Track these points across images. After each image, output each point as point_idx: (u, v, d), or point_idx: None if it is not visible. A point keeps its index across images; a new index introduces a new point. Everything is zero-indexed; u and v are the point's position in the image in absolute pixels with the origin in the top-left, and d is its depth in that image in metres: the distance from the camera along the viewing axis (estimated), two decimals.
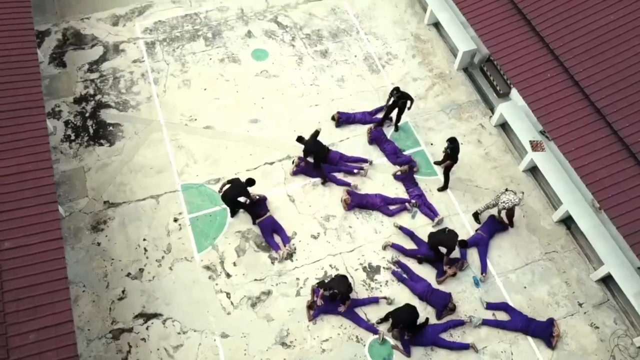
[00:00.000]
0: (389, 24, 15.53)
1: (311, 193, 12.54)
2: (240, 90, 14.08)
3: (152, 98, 13.83)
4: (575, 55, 11.13)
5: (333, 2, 15.91)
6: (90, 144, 13.04)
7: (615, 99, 10.52)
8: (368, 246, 11.84)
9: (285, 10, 15.69)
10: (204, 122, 13.51)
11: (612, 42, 11.04)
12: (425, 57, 14.92)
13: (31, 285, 8.53)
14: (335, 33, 15.28)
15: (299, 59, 14.73)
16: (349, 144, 13.34)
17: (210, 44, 14.90)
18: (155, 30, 15.13)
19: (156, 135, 13.26)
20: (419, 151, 13.24)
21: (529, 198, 12.61)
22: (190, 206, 12.25)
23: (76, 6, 15.54)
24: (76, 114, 13.51)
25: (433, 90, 14.28)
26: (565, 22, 11.50)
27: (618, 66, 10.82)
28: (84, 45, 14.74)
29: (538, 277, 11.63)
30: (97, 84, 14.02)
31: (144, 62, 14.46)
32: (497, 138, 13.50)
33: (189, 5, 15.69)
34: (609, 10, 11.33)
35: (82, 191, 12.32)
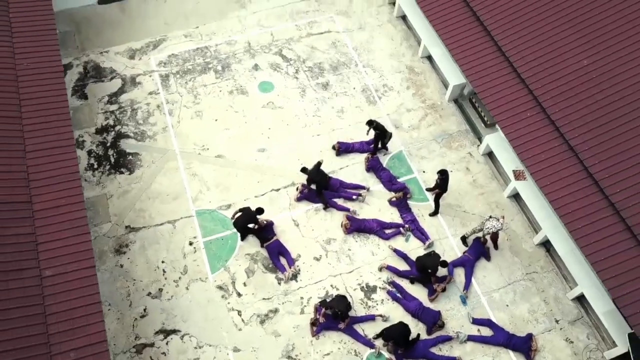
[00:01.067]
0: (385, 56, 16.74)
1: (314, 218, 13.76)
2: (249, 121, 15.30)
3: (167, 128, 15.06)
4: (552, 96, 12.34)
5: (334, 36, 17.13)
6: (112, 172, 14.26)
7: (587, 138, 11.73)
8: (366, 267, 13.05)
9: (289, 44, 16.90)
10: (215, 151, 14.73)
11: (585, 85, 12.25)
12: (418, 88, 16.12)
13: (70, 309, 9.75)
14: (336, 66, 16.48)
15: (302, 91, 15.94)
16: (348, 172, 14.55)
17: (220, 76, 16.12)
18: (169, 63, 16.35)
19: (172, 163, 14.48)
20: (412, 178, 14.45)
21: (512, 222, 13.83)
22: (204, 230, 13.46)
23: (95, 40, 16.76)
24: (98, 143, 14.73)
25: (426, 120, 15.50)
26: (543, 66, 12.71)
27: (590, 107, 12.03)
28: (104, 78, 15.96)
29: (519, 295, 12.85)
30: (117, 115, 15.25)
31: (159, 94, 15.68)
32: (484, 166, 14.71)
33: (200, 39, 16.90)
34: (583, 55, 12.53)
35: (105, 217, 13.55)
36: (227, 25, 17.22)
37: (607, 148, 11.50)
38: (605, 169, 11.30)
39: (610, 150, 11.44)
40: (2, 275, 9.78)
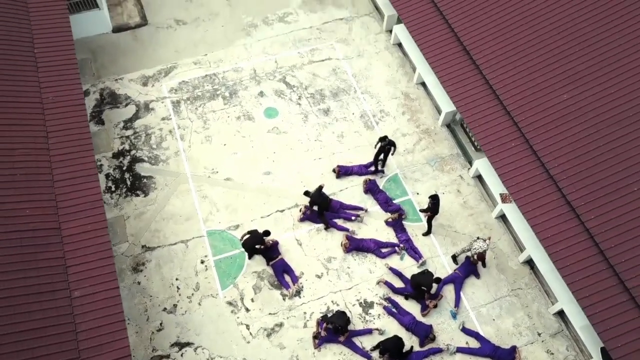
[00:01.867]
0: (382, 83, 17.83)
1: (315, 237, 14.86)
2: (255, 145, 16.39)
3: (179, 153, 16.15)
4: (535, 128, 13.43)
5: (334, 63, 18.22)
6: (128, 194, 15.36)
7: (566, 168, 12.81)
8: (364, 284, 14.15)
9: (292, 71, 17.99)
10: (224, 175, 15.82)
11: (564, 118, 13.34)
12: (413, 114, 17.22)
13: (97, 327, 10.85)
14: (336, 92, 17.57)
15: (305, 116, 17.03)
16: (347, 194, 15.65)
17: (228, 102, 17.21)
18: (180, 89, 17.44)
19: (184, 186, 15.58)
20: (407, 200, 15.56)
21: (499, 242, 14.93)
22: (214, 249, 14.56)
23: (110, 67, 17.86)
24: (115, 167, 15.83)
25: (420, 144, 16.59)
26: (527, 99, 13.79)
27: (569, 139, 13.12)
28: (119, 104, 17.06)
29: (505, 310, 13.95)
30: (132, 140, 16.34)
31: (171, 120, 16.78)
32: (474, 188, 15.81)
33: (209, 66, 17.99)
34: (563, 90, 13.62)
35: (123, 237, 14.64)
36: (234, 52, 18.33)
37: (584, 177, 12.58)
38: (581, 197, 12.39)
39: (586, 180, 12.53)
40: (37, 296, 10.89)
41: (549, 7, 14.56)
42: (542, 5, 14.61)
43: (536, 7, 14.67)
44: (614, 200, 12.16)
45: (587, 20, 14.09)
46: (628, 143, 12.59)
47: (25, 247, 11.38)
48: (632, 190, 12.10)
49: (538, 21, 14.53)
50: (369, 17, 19.38)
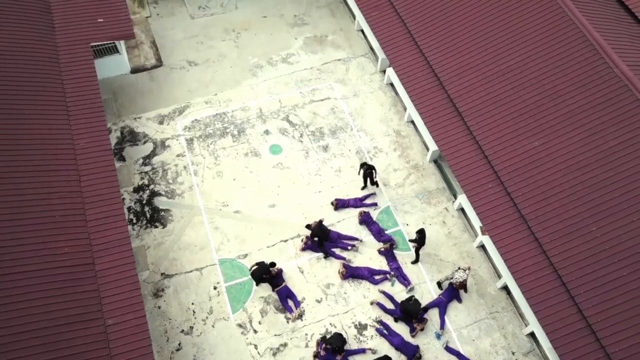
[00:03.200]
0: (376, 121, 19.60)
1: (316, 266, 16.63)
2: (261, 180, 18.17)
3: (193, 187, 17.94)
4: (509, 172, 15.19)
5: (332, 102, 20.00)
6: (148, 226, 17.15)
7: (535, 209, 14.57)
8: (358, 308, 15.93)
9: (294, 110, 19.77)
10: (233, 207, 17.60)
11: (535, 163, 15.09)
12: (404, 150, 18.99)
13: (128, 351, 12.63)
14: (334, 130, 19.35)
15: (306, 153, 18.81)
16: (344, 224, 17.43)
17: (237, 140, 18.99)
18: (193, 128, 19.22)
19: (197, 218, 17.36)
20: (397, 231, 17.34)
21: (480, 269, 16.70)
22: (225, 277, 16.34)
23: (129, 107, 19.65)
24: (136, 201, 17.61)
25: (409, 179, 18.36)
26: (503, 145, 15.55)
27: (538, 182, 14.88)
28: (138, 141, 18.84)
29: (483, 331, 15.73)
30: (150, 176, 18.13)
31: (185, 156, 18.57)
32: (457, 220, 17.57)
33: (219, 105, 19.77)
34: (535, 137, 15.39)
35: (144, 265, 16.43)
36: (242, 92, 20.12)
37: (550, 217, 14.36)
38: (547, 235, 14.16)
39: (552, 220, 14.30)
40: (76, 325, 12.67)
41: (524, 63, 16.31)
42: (520, 61, 16.37)
43: (514, 64, 16.41)
44: (575, 239, 13.94)
45: (556, 74, 15.85)
46: (589, 187, 14.35)
47: (65, 282, 13.19)
48: (591, 230, 13.87)
49: (515, 76, 16.27)
50: (364, 58, 21.18)
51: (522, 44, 16.61)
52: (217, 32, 21.68)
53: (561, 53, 16.12)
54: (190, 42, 21.37)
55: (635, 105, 14.85)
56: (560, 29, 16.37)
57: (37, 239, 13.52)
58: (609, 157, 14.55)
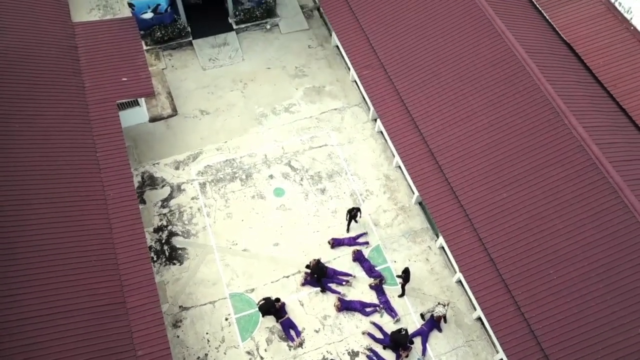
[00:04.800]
0: (368, 166, 21.98)
1: (314, 299, 18.94)
2: (266, 221, 20.51)
3: (206, 228, 20.27)
4: (481, 220, 17.55)
5: (329, 149, 22.38)
6: (167, 263, 19.47)
7: (502, 253, 16.93)
8: (351, 337, 18.24)
9: (295, 156, 22.14)
10: (242, 246, 19.93)
11: (502, 213, 17.45)
12: (392, 193, 21.35)
13: None
14: (331, 174, 21.72)
15: (306, 195, 21.16)
16: (339, 262, 19.76)
17: (244, 184, 21.35)
18: (205, 172, 21.59)
19: (210, 256, 19.68)
20: (386, 267, 19.67)
21: (458, 302, 19.01)
22: (235, 309, 18.64)
23: (148, 153, 22.03)
24: (156, 240, 19.94)
25: (397, 219, 20.71)
26: (477, 195, 17.95)
27: (506, 229, 17.25)
28: (157, 185, 21.20)
29: (461, 358, 18.04)
30: (168, 217, 20.47)
31: (199, 199, 20.92)
32: (439, 257, 19.91)
33: (228, 152, 22.15)
34: (503, 190, 17.74)
35: (164, 299, 18.73)
36: (249, 139, 22.52)
37: (515, 261, 16.70)
38: (513, 277, 16.51)
39: (517, 263, 16.65)
40: (111, 357, 14.98)
41: (495, 124, 18.73)
42: (491, 122, 18.78)
43: (486, 124, 18.82)
44: (536, 280, 16.29)
45: (523, 134, 18.26)
46: (548, 235, 16.72)
47: (101, 319, 15.51)
48: (549, 273, 16.22)
49: (487, 135, 18.68)
50: (358, 107, 23.60)
51: (494, 107, 19.03)
52: (226, 83, 24.13)
53: (528, 115, 18.54)
54: (202, 92, 23.81)
55: (589, 164, 17.25)
56: (529, 95, 18.78)
57: (76, 281, 15.86)
58: (566, 209, 16.94)
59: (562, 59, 20.62)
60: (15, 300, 14.92)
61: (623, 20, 21.42)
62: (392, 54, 21.39)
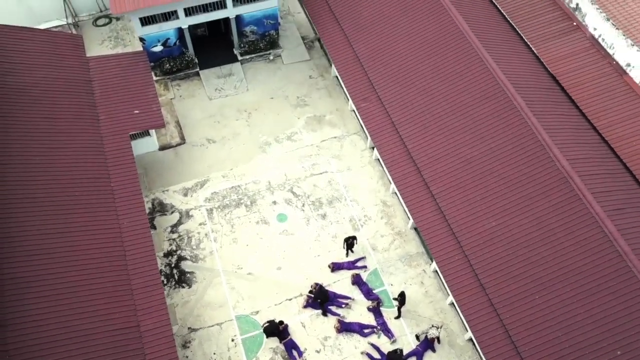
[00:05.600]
0: (366, 192, 23.17)
1: (315, 321, 20.04)
2: (270, 245, 21.67)
3: (213, 252, 21.43)
4: (472, 247, 18.72)
5: (329, 176, 23.59)
6: (177, 287, 20.61)
7: (492, 279, 18.04)
8: (350, 357, 19.34)
9: (297, 183, 23.35)
10: (247, 270, 21.07)
11: (492, 240, 18.59)
12: (389, 218, 22.51)
13: None
14: (331, 200, 22.91)
15: (307, 220, 22.33)
16: (339, 285, 20.88)
17: (249, 210, 22.53)
18: (212, 199, 22.79)
19: (217, 280, 20.82)
20: (383, 290, 20.79)
21: (451, 323, 20.10)
22: (241, 330, 19.75)
23: (158, 181, 23.25)
24: (166, 265, 21.09)
25: (394, 244, 21.85)
26: (467, 224, 19.11)
27: (495, 257, 18.38)
28: (166, 212, 22.39)
29: None
30: (177, 242, 21.63)
31: (206, 225, 22.09)
32: (433, 280, 21.03)
33: (234, 179, 23.36)
34: (493, 218, 18.90)
35: (174, 320, 19.84)
36: (253, 167, 23.75)
37: (503, 287, 17.83)
38: (501, 301, 17.63)
39: (505, 288, 17.78)
40: None
41: (484, 156, 19.95)
42: (481, 154, 20.00)
43: (476, 156, 20.04)
44: (523, 304, 17.40)
45: (511, 166, 19.46)
46: (533, 262, 17.85)
47: (116, 342, 16.64)
48: (534, 299, 17.34)
49: (476, 166, 19.89)
50: (356, 135, 24.85)
51: (484, 140, 20.25)
52: (231, 112, 25.41)
53: (515, 148, 19.75)
54: (209, 121, 25.08)
55: (572, 195, 18.43)
56: (517, 129, 20.01)
57: (93, 307, 17.01)
58: (550, 237, 18.10)
59: (549, 92, 21.91)
60: (34, 326, 16.08)
61: (606, 55, 22.74)
62: (389, 87, 22.67)
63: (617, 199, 18.81)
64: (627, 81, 21.99)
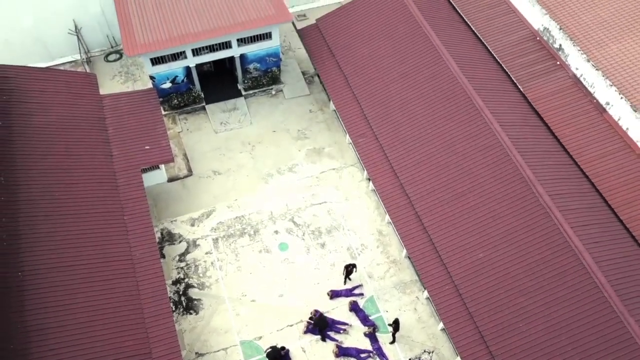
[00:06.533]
0: (363, 222, 24.56)
1: (315, 346, 21.31)
2: (272, 273, 23.01)
3: (219, 280, 22.75)
4: (461, 277, 20.04)
5: (329, 206, 25.00)
6: (184, 313, 21.90)
7: (478, 307, 19.34)
8: None
9: (298, 212, 24.74)
10: (251, 297, 22.37)
11: (479, 272, 19.92)
12: (385, 247, 23.87)
13: None
14: (330, 230, 24.28)
15: (307, 249, 23.69)
16: (337, 311, 22.18)
17: (252, 239, 23.89)
18: (218, 229, 24.16)
19: (222, 306, 22.12)
20: (379, 317, 22.08)
21: (442, 348, 21.36)
22: (245, 355, 21.01)
23: (167, 211, 24.64)
24: (174, 292, 22.40)
25: (389, 272, 23.18)
26: (457, 255, 20.46)
27: (482, 287, 19.69)
28: (175, 241, 23.75)
29: None
30: (185, 271, 22.96)
31: (212, 254, 23.44)
32: (426, 307, 22.32)
33: (238, 209, 24.77)
34: (480, 250, 20.26)
35: (182, 346, 21.08)
36: (257, 197, 25.17)
37: (491, 315, 19.13)
38: (489, 329, 18.91)
39: (493, 316, 19.08)
40: None
41: (471, 191, 21.37)
42: (467, 189, 21.43)
43: (464, 191, 21.47)
44: (509, 332, 18.69)
45: (497, 201, 20.88)
46: (518, 292, 19.17)
47: None
48: (519, 327, 18.64)
49: (464, 201, 21.30)
50: (353, 167, 26.30)
51: (471, 175, 21.70)
52: (236, 145, 26.89)
53: (501, 183, 21.19)
54: (214, 153, 26.55)
55: (553, 229, 19.81)
56: (502, 165, 21.47)
57: (106, 336, 18.29)
58: (534, 269, 19.45)
59: (534, 130, 23.41)
60: (53, 355, 17.35)
61: (587, 94, 24.26)
62: (384, 125, 24.16)
63: (595, 231, 20.20)
64: (607, 119, 23.52)
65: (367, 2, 27.54)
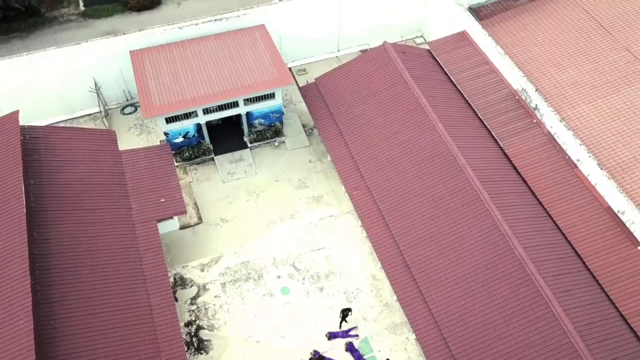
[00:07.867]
0: (358, 267, 26.88)
1: None
2: (275, 315, 25.24)
3: (227, 322, 24.99)
4: (447, 321, 22.25)
5: (326, 252, 27.36)
6: (195, 353, 24.09)
7: (463, 349, 21.53)
8: None
9: (298, 258, 27.08)
10: (256, 338, 24.59)
11: (461, 317, 22.16)
12: (378, 291, 26.14)
13: None
14: (327, 274, 26.59)
15: (307, 293, 25.96)
16: (334, 351, 24.38)
17: (257, 283, 26.19)
18: (225, 274, 26.46)
19: (230, 347, 24.33)
20: (372, 356, 24.30)
21: None
22: None
23: (179, 257, 26.98)
24: (186, 333, 24.61)
25: (382, 314, 25.42)
26: (442, 304, 22.68)
27: (465, 334, 21.89)
28: (186, 285, 26.04)
29: None
30: (196, 313, 25.21)
31: (220, 297, 25.71)
32: (415, 347, 24.54)
33: (244, 255, 27.14)
34: (461, 299, 22.52)
35: None
36: (261, 244, 27.53)
37: (471, 358, 21.29)
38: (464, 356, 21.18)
39: (473, 359, 21.24)
40: None
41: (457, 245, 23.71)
42: (454, 242, 23.78)
43: (451, 243, 23.84)
44: None
45: (480, 251, 23.22)
46: (498, 338, 21.38)
47: None
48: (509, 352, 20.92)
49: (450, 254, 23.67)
50: (349, 214, 28.74)
51: (456, 228, 24.11)
52: (241, 194, 29.34)
53: (481, 236, 23.58)
54: (222, 202, 28.98)
55: (526, 279, 22.12)
56: (482, 219, 23.88)
57: None
58: (509, 316, 21.72)
59: (512, 184, 25.90)
60: None
61: (560, 151, 26.79)
62: (376, 179, 26.64)
63: (565, 281, 22.53)
64: (578, 174, 26.00)
65: (361, 64, 30.30)
